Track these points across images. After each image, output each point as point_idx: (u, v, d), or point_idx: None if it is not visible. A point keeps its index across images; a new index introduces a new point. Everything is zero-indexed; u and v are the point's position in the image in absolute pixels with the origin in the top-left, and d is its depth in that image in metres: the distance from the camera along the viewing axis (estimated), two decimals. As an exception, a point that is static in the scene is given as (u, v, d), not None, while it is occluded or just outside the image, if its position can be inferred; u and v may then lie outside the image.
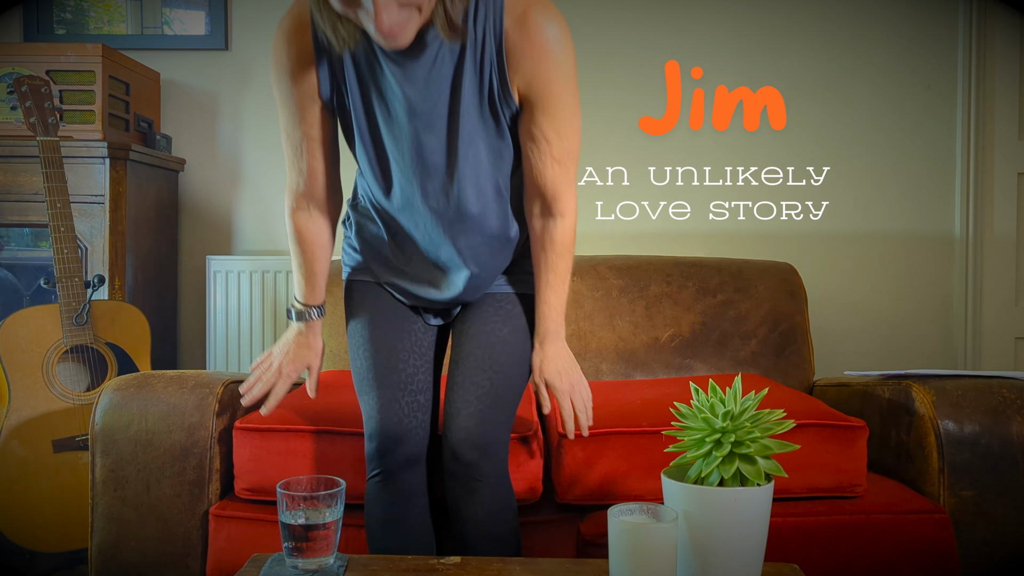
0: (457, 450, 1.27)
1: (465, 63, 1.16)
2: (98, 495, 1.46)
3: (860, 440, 1.46)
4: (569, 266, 1.35)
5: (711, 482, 1.03)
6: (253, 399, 1.39)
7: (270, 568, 1.08)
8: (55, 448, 1.93)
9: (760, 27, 2.55)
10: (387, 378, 1.31)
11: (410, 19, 1.05)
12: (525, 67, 1.16)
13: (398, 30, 1.04)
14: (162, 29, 2.63)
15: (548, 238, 1.32)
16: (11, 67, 2.23)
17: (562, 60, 1.17)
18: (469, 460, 1.27)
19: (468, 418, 1.28)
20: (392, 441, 1.28)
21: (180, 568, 1.45)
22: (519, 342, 1.36)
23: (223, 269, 2.47)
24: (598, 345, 2.05)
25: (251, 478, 1.45)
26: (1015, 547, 1.44)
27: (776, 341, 2.06)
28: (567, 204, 1.30)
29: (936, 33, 2.54)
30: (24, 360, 1.93)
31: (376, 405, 1.30)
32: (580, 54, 2.72)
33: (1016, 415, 1.45)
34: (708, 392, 1.09)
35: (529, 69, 1.17)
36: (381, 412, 1.29)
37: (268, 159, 2.63)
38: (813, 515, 1.40)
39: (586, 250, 2.48)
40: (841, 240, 2.56)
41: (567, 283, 1.35)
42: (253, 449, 1.46)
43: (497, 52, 1.16)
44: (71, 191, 2.05)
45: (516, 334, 1.36)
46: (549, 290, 1.34)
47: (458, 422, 1.28)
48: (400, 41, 1.06)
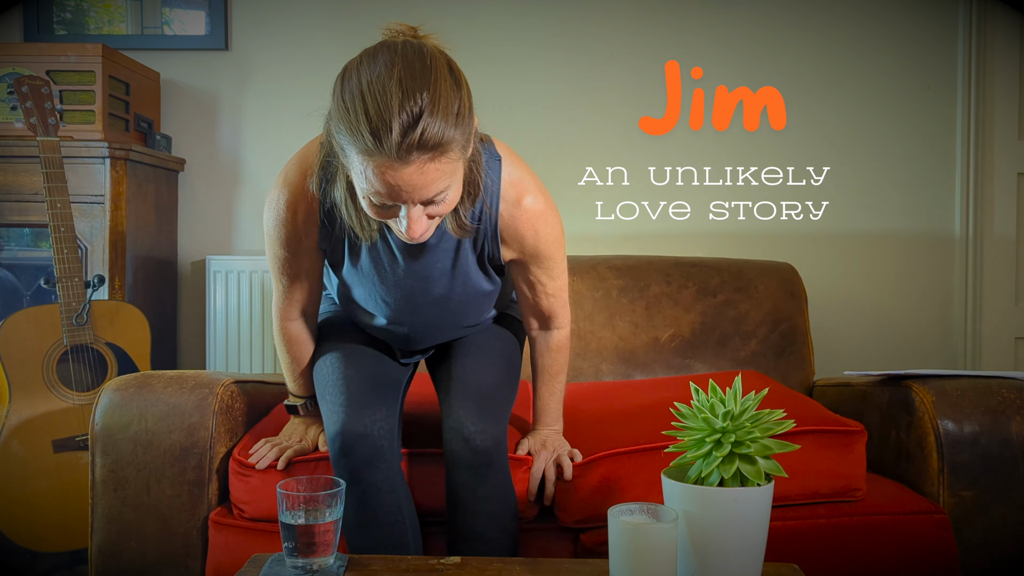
0: (470, 438, 1.29)
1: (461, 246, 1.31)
2: (98, 495, 1.46)
3: (859, 444, 1.45)
4: (565, 364, 1.48)
5: (711, 482, 1.03)
6: (267, 462, 1.42)
7: (270, 568, 1.08)
8: (55, 448, 1.93)
9: (760, 27, 2.55)
10: (352, 379, 1.34)
11: (432, 225, 1.16)
12: (520, 241, 1.32)
13: (424, 237, 1.15)
14: (162, 29, 2.63)
15: (545, 345, 1.47)
16: (11, 67, 2.23)
17: (550, 230, 1.33)
18: (482, 447, 1.29)
19: (476, 409, 1.32)
20: (353, 439, 1.27)
21: (180, 568, 1.45)
22: (507, 337, 1.51)
23: (223, 269, 2.47)
24: (598, 345, 2.05)
25: (250, 508, 1.42)
26: (1015, 547, 1.44)
27: (776, 341, 2.06)
28: (563, 319, 1.45)
29: (936, 33, 2.54)
30: (24, 360, 1.93)
31: (340, 401, 1.31)
32: (580, 54, 2.72)
33: (1016, 415, 1.45)
34: (708, 392, 1.09)
35: (523, 242, 1.32)
36: (345, 410, 1.30)
37: (268, 159, 2.63)
38: (812, 517, 1.40)
39: (586, 250, 2.48)
40: (841, 240, 2.56)
41: (563, 382, 1.49)
42: (250, 482, 1.42)
43: (493, 230, 1.30)
44: (71, 191, 2.05)
45: (501, 337, 1.51)
46: (546, 390, 1.48)
47: (465, 414, 1.31)
48: (421, 241, 1.16)
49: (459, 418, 1.31)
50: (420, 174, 1.05)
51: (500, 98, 2.57)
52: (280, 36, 2.61)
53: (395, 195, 1.07)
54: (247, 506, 1.43)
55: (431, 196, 1.09)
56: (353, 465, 1.27)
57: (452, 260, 1.32)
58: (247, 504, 1.43)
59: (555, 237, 1.34)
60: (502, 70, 2.58)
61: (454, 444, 1.31)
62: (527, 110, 2.58)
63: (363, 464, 1.27)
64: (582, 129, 2.58)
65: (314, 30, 2.60)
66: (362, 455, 1.27)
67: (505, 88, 2.58)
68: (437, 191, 1.09)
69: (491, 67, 2.57)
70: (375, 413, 1.30)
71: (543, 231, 1.31)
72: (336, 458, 1.29)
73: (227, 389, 1.51)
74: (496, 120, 2.56)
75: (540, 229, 1.31)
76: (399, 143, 1.01)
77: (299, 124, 2.61)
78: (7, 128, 2.22)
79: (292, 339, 1.44)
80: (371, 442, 1.28)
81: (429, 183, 1.07)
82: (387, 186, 1.06)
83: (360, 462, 1.27)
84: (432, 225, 1.15)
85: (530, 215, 1.30)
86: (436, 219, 1.15)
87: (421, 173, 1.05)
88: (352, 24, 2.59)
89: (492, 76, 2.57)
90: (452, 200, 1.14)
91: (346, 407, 1.30)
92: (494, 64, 2.58)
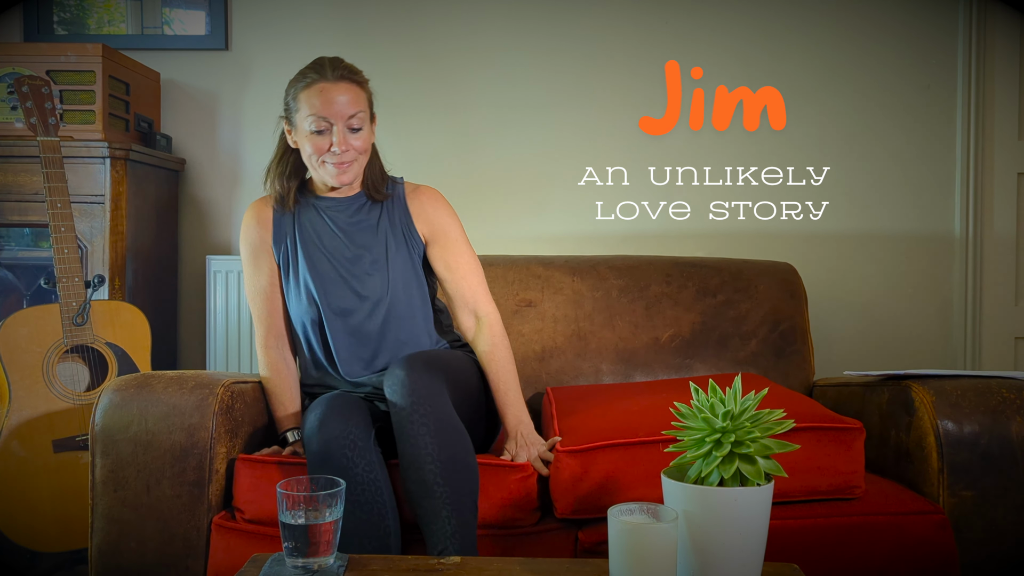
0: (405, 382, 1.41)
1: (382, 215, 1.67)
2: (98, 495, 1.46)
3: (857, 442, 1.46)
4: (509, 360, 1.64)
5: (711, 482, 1.03)
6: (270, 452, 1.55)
7: (270, 568, 1.08)
8: (55, 448, 1.93)
9: (760, 27, 2.55)
10: (335, 398, 1.47)
11: (354, 168, 1.60)
12: (425, 213, 1.68)
13: (348, 176, 1.59)
14: (162, 29, 2.63)
15: (484, 343, 1.64)
16: (11, 67, 2.23)
17: (448, 209, 1.70)
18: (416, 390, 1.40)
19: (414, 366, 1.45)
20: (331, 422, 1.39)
21: (180, 569, 1.45)
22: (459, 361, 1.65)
23: (223, 269, 2.47)
24: (598, 345, 2.05)
25: (252, 508, 1.44)
26: (1015, 547, 1.44)
27: (776, 341, 2.06)
28: (486, 307, 1.67)
29: (936, 33, 2.54)
30: (24, 360, 1.93)
31: (319, 415, 1.42)
32: (580, 55, 2.73)
33: (1016, 415, 1.45)
34: (708, 392, 1.09)
35: (428, 214, 1.68)
36: (324, 411, 1.41)
37: (268, 159, 2.62)
38: (812, 517, 1.40)
39: (586, 250, 2.49)
40: (841, 240, 2.56)
41: (515, 378, 1.63)
42: (253, 479, 1.45)
43: (403, 204, 1.69)
44: (71, 191, 2.05)
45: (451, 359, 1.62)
46: (502, 387, 1.61)
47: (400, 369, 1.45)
48: (347, 181, 1.59)
49: (389, 380, 1.43)
50: (345, 91, 1.55)
51: (500, 98, 2.58)
52: (280, 36, 2.61)
53: (328, 109, 1.53)
54: (249, 506, 1.44)
55: (353, 113, 1.55)
56: (324, 438, 1.37)
57: (377, 237, 1.65)
58: (250, 504, 1.43)
59: (453, 215, 1.70)
60: (502, 70, 2.58)
61: (388, 395, 1.42)
62: (527, 110, 2.58)
63: (334, 440, 1.37)
64: (582, 129, 2.58)
65: (314, 30, 2.60)
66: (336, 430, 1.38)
67: (505, 88, 2.58)
68: (357, 111, 1.56)
69: (491, 67, 2.58)
70: (353, 416, 1.42)
71: (442, 206, 1.69)
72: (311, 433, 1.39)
73: (227, 389, 1.51)
74: (496, 120, 2.57)
75: (439, 204, 1.69)
76: (332, 70, 1.56)
77: (299, 124, 2.62)
78: (7, 128, 2.22)
79: (273, 367, 1.65)
80: (347, 429, 1.39)
81: (352, 101, 1.56)
82: (324, 101, 1.54)
83: (332, 436, 1.38)
84: (354, 168, 1.59)
85: (429, 194, 1.71)
86: (356, 163, 1.59)
87: (346, 90, 1.56)
88: (352, 24, 2.59)
89: (492, 76, 2.57)
90: (365, 141, 1.59)
91: (325, 410, 1.43)
92: (494, 64, 2.58)
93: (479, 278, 1.68)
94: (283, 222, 1.67)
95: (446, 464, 1.34)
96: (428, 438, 1.35)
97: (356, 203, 1.67)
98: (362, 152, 1.59)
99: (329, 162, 1.57)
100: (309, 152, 1.57)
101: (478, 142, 2.60)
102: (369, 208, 1.67)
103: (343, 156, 1.56)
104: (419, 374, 1.41)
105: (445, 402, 1.41)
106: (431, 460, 1.33)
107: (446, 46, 2.58)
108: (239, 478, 1.46)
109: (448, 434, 1.37)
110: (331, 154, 1.56)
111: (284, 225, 1.67)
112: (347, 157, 1.56)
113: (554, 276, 2.10)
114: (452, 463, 1.34)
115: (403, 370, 1.42)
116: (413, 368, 1.42)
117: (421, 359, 1.47)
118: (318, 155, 1.56)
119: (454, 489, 1.33)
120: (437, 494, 1.32)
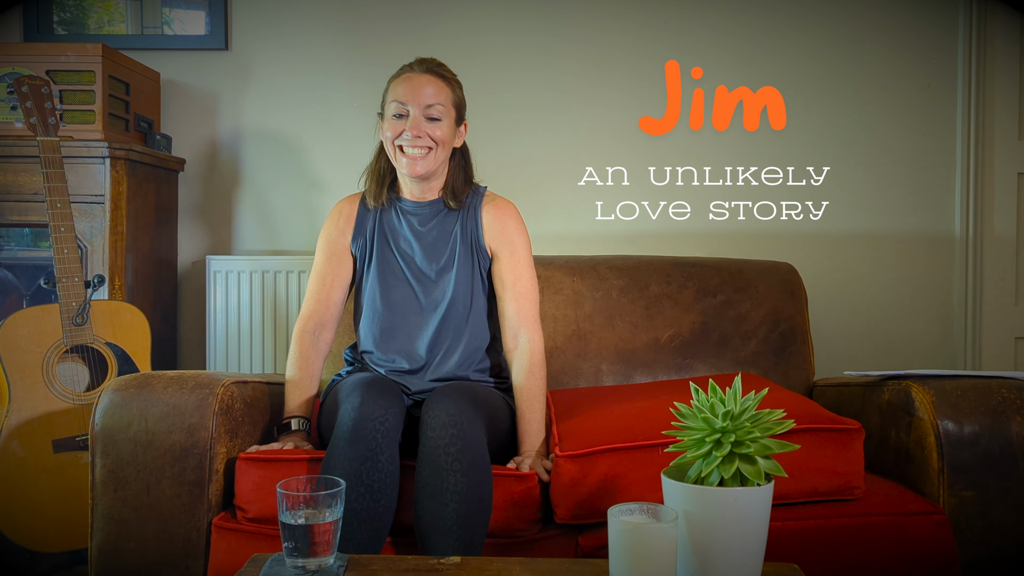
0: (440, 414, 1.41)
1: (456, 225, 1.69)
2: (98, 495, 1.46)
3: (856, 442, 1.46)
4: (543, 388, 1.62)
5: (711, 482, 1.03)
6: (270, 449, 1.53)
7: (270, 568, 1.08)
8: (55, 448, 1.93)
9: (760, 27, 2.55)
10: (372, 383, 1.46)
11: (429, 163, 1.62)
12: (496, 224, 1.69)
13: (423, 167, 1.62)
14: (162, 29, 2.63)
15: (521, 364, 1.62)
16: (11, 67, 2.23)
17: (521, 226, 1.71)
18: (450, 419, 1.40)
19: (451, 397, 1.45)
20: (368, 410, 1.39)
21: (180, 569, 1.45)
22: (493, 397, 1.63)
23: (223, 269, 2.47)
24: (598, 345, 2.05)
25: (255, 507, 1.44)
26: (1015, 547, 1.44)
27: (776, 341, 2.06)
28: (532, 331, 1.65)
29: (936, 33, 2.54)
30: (24, 360, 1.93)
31: (360, 397, 1.42)
32: (580, 54, 2.73)
33: (1016, 415, 1.45)
34: (708, 392, 1.09)
35: (498, 226, 1.69)
36: (362, 397, 1.41)
37: (268, 159, 2.63)
38: (812, 518, 1.40)
39: (586, 250, 2.49)
40: (841, 240, 2.56)
41: (543, 405, 1.61)
42: (256, 478, 1.45)
43: (476, 213, 1.70)
44: (71, 191, 2.05)
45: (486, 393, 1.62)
46: (527, 411, 1.59)
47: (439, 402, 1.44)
48: (420, 172, 1.62)
49: (434, 406, 1.42)
50: (428, 82, 1.61)
51: (500, 98, 2.57)
52: (280, 36, 2.61)
53: (408, 95, 1.59)
54: (251, 505, 1.44)
55: (431, 103, 1.60)
56: (361, 417, 1.38)
57: (448, 247, 1.68)
58: (252, 503, 1.43)
59: (523, 233, 1.70)
60: (502, 70, 2.58)
61: (427, 420, 1.41)
62: (527, 110, 2.58)
63: (370, 421, 1.38)
64: (582, 129, 2.58)
65: (314, 30, 2.60)
66: (376, 412, 1.39)
67: (505, 88, 2.58)
68: (436, 101, 1.60)
69: (491, 67, 2.57)
70: (393, 406, 1.42)
71: (512, 222, 1.70)
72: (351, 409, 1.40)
73: (227, 389, 1.51)
74: (496, 120, 2.57)
75: (510, 220, 1.70)
76: (420, 62, 1.64)
77: (299, 124, 2.62)
78: (7, 128, 2.22)
79: (302, 351, 1.66)
80: (386, 416, 1.40)
81: (433, 92, 1.60)
82: (406, 88, 1.60)
83: (370, 416, 1.39)
84: (428, 161, 1.61)
85: (503, 207, 1.71)
86: (430, 155, 1.61)
87: (429, 82, 1.61)
88: (352, 24, 2.59)
89: (493, 76, 2.57)
90: (444, 134, 1.61)
91: (369, 389, 1.44)
92: (494, 64, 2.58)
93: (532, 302, 1.68)
94: (366, 219, 1.71)
95: (470, 506, 1.33)
96: (459, 476, 1.34)
97: (434, 209, 1.70)
98: (439, 143, 1.61)
99: (405, 147, 1.60)
100: (388, 136, 1.62)
101: (478, 142, 2.58)
102: (445, 216, 1.69)
103: (416, 141, 1.58)
104: (464, 409, 1.41)
105: (482, 443, 1.40)
106: (456, 500, 1.33)
107: (446, 46, 2.57)
108: (241, 477, 1.46)
109: (478, 476, 1.36)
110: (406, 138, 1.59)
111: (366, 222, 1.71)
112: (420, 143, 1.59)
113: (554, 276, 2.10)
114: (475, 504, 1.34)
115: (451, 401, 1.41)
116: (460, 402, 1.42)
117: (469, 396, 1.46)
118: (393, 136, 1.60)
119: (469, 530, 1.33)
120: (454, 534, 1.32)
